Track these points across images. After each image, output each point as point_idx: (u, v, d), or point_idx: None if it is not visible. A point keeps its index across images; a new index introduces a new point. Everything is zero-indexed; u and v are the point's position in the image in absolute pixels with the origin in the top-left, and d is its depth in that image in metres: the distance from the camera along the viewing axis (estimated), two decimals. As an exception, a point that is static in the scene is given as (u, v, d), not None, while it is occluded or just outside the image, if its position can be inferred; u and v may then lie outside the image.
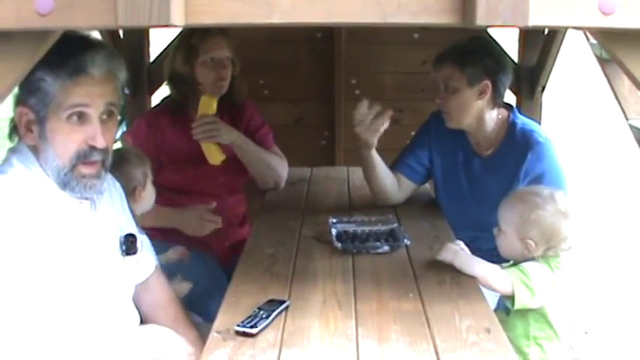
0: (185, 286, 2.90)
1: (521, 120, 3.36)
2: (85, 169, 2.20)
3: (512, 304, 2.51)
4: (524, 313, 2.55)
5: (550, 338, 2.60)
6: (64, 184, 2.20)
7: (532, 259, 2.61)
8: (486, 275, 2.54)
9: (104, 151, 2.23)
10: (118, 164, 2.54)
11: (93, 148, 2.20)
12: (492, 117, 3.32)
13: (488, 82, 3.22)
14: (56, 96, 2.14)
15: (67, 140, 2.17)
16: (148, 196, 2.88)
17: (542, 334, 2.59)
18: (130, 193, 2.75)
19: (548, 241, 2.59)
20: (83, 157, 2.19)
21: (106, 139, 2.21)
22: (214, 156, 3.46)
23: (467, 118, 3.29)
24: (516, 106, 3.62)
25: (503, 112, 3.36)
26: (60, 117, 2.15)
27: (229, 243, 3.72)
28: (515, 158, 3.22)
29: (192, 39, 3.49)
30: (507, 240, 2.66)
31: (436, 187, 3.59)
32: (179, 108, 3.60)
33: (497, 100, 3.29)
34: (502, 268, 2.63)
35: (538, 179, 3.13)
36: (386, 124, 3.24)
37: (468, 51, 3.23)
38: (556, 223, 2.59)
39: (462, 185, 3.42)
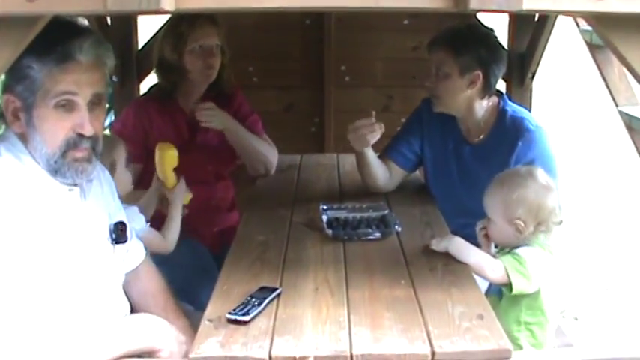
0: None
1: (512, 107, 3.35)
2: (76, 153, 2.19)
3: (510, 290, 2.50)
4: (518, 298, 2.54)
5: (541, 323, 2.60)
6: (55, 171, 2.18)
7: (526, 243, 2.60)
8: (481, 264, 2.54)
9: (92, 138, 2.21)
10: None
11: (81, 136, 2.18)
12: (482, 105, 3.32)
13: (479, 73, 3.22)
14: (43, 83, 2.11)
15: (54, 128, 2.15)
16: (121, 180, 2.81)
17: (534, 320, 2.59)
18: None
19: (536, 217, 2.58)
20: (73, 146, 2.17)
21: (94, 127, 2.19)
22: (169, 179, 3.07)
23: (455, 105, 3.30)
24: (506, 93, 3.62)
25: (494, 98, 3.35)
26: (47, 104, 2.13)
27: (218, 229, 3.71)
28: (505, 146, 3.22)
29: (180, 26, 3.47)
30: (497, 227, 2.65)
31: (427, 174, 3.59)
32: (167, 95, 3.59)
33: (487, 90, 3.29)
34: (495, 253, 2.63)
35: (527, 165, 3.11)
36: (376, 138, 3.26)
37: (465, 39, 3.23)
38: (540, 197, 2.59)
39: (452, 172, 3.42)
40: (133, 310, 2.47)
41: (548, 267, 2.57)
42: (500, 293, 2.60)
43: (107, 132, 3.60)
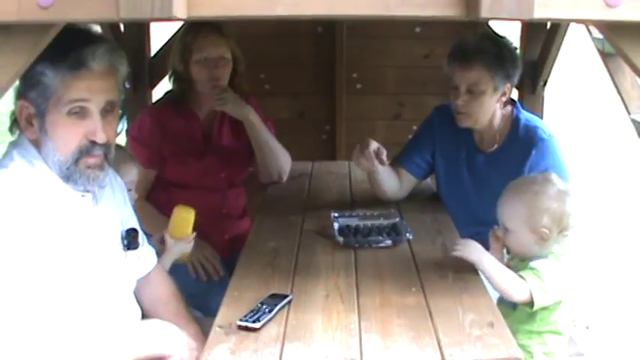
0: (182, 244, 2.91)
1: (525, 115, 3.35)
2: (89, 159, 2.20)
3: (531, 307, 2.49)
4: (535, 310, 2.53)
5: (555, 332, 2.59)
6: (67, 178, 2.19)
7: (545, 253, 2.58)
8: (508, 288, 2.49)
9: (105, 145, 2.22)
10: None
11: (94, 143, 2.19)
12: (500, 115, 3.32)
13: (509, 86, 3.23)
14: (56, 90, 2.13)
15: (67, 135, 2.17)
16: None
17: (547, 329, 2.58)
18: None
19: (559, 224, 2.57)
20: (85, 153, 2.18)
21: (106, 134, 2.20)
22: (180, 227, 2.95)
23: (484, 119, 3.28)
24: (518, 100, 3.60)
25: (508, 107, 3.35)
26: (60, 111, 2.14)
27: (229, 236, 3.71)
28: (518, 154, 3.21)
29: (187, 37, 3.48)
30: (518, 237, 2.61)
31: (438, 183, 3.59)
32: (181, 102, 3.59)
33: (508, 101, 3.31)
34: (508, 261, 2.64)
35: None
36: (377, 166, 3.24)
37: (499, 57, 3.18)
38: (562, 204, 2.58)
39: (465, 181, 3.41)
40: (144, 317, 2.47)
41: (563, 279, 2.56)
42: (513, 303, 2.58)
43: (123, 144, 3.62)
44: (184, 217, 2.95)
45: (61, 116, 2.15)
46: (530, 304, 2.48)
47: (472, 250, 2.56)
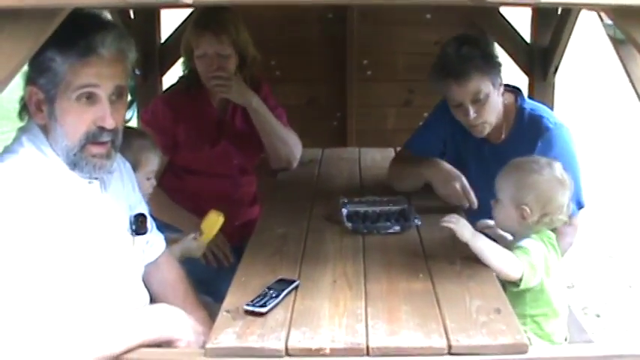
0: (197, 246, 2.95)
1: (530, 104, 3.32)
2: (94, 149, 2.20)
3: (517, 285, 2.49)
4: (522, 292, 2.53)
5: (547, 315, 2.60)
6: (74, 164, 2.20)
7: (527, 233, 2.60)
8: (502, 264, 2.50)
9: (113, 131, 2.22)
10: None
11: (102, 129, 2.19)
12: (502, 105, 3.27)
13: (500, 74, 3.19)
14: (66, 76, 2.13)
15: (76, 120, 2.17)
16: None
17: (539, 311, 2.58)
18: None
19: (543, 207, 2.59)
20: (92, 138, 2.19)
21: (115, 120, 2.21)
22: (210, 227, 3.01)
23: (496, 117, 3.23)
24: (528, 88, 3.59)
25: (510, 96, 3.32)
26: (69, 97, 2.15)
27: (239, 222, 3.71)
28: (525, 145, 3.16)
29: (189, 32, 3.49)
30: (503, 209, 2.66)
31: None
32: (195, 87, 3.58)
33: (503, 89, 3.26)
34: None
35: None
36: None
37: (486, 55, 3.15)
38: (552, 189, 2.60)
39: (471, 171, 3.38)
40: (152, 301, 2.48)
41: (547, 261, 2.57)
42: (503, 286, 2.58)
43: (139, 127, 3.62)
44: (215, 220, 2.99)
45: (70, 102, 2.15)
46: (517, 282, 2.49)
47: (465, 229, 2.57)
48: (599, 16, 4.03)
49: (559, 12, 4.31)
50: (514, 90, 3.35)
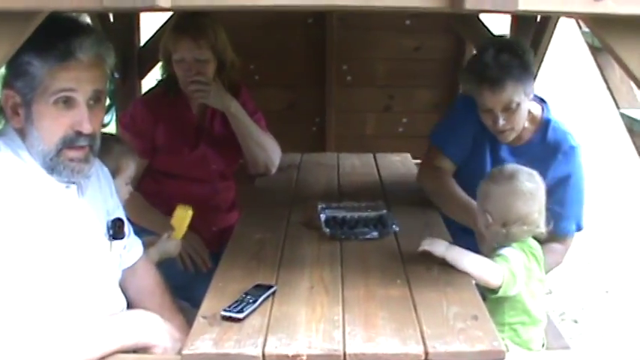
0: (173, 244, 2.95)
1: (555, 119, 3.29)
2: (71, 153, 2.19)
3: (494, 292, 2.50)
4: (500, 300, 2.54)
5: (525, 323, 2.60)
6: (51, 169, 2.19)
7: (507, 243, 2.61)
8: (481, 271, 2.51)
9: (90, 136, 2.21)
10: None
11: (79, 134, 2.18)
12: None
13: (533, 82, 3.17)
14: (43, 80, 2.12)
15: (53, 125, 2.16)
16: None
17: (517, 319, 2.59)
18: None
19: (501, 217, 2.61)
20: (69, 143, 2.17)
21: (92, 125, 2.19)
22: (180, 222, 3.04)
23: (524, 123, 3.20)
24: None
25: (536, 106, 3.28)
26: (47, 101, 2.13)
27: (217, 228, 3.70)
28: (545, 155, 3.18)
29: (167, 37, 3.48)
30: (479, 215, 2.72)
31: (458, 168, 3.48)
32: (173, 91, 3.56)
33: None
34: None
35: (564, 180, 3.15)
36: None
37: (523, 66, 3.10)
38: (507, 200, 2.61)
39: (486, 169, 3.27)
40: (129, 307, 2.47)
41: (528, 270, 2.58)
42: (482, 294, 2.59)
43: (114, 132, 3.60)
44: (183, 215, 3.00)
45: (48, 106, 2.14)
46: (495, 290, 2.50)
47: (437, 245, 2.59)
48: (578, 23, 4.07)
49: (538, 19, 4.34)
50: (540, 100, 3.32)
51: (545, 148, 3.21)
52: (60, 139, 2.16)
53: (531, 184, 2.65)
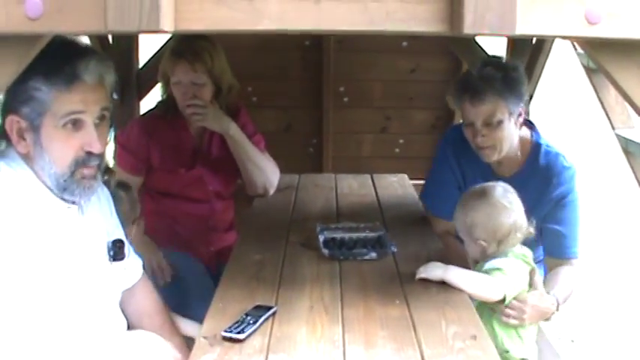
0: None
1: (545, 142, 3.24)
2: (85, 171, 2.21)
3: (503, 301, 2.57)
4: (489, 316, 2.60)
5: (511, 336, 2.66)
6: (64, 189, 2.20)
7: (499, 255, 2.66)
8: (480, 290, 2.56)
9: (100, 156, 2.24)
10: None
11: (90, 154, 2.20)
12: (517, 138, 3.18)
13: (522, 105, 3.11)
14: (51, 104, 2.13)
15: (63, 147, 2.17)
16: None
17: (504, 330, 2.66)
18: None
19: (494, 236, 2.65)
20: (82, 164, 2.19)
21: (101, 144, 2.22)
22: None
23: (509, 147, 3.12)
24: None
25: (525, 130, 3.23)
26: (56, 125, 2.15)
27: (215, 248, 3.71)
28: (539, 181, 3.14)
29: (165, 59, 3.51)
30: (467, 246, 2.76)
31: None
32: (172, 112, 3.58)
33: (524, 121, 3.19)
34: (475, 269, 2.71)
35: (560, 201, 3.13)
36: None
37: (507, 81, 3.05)
38: (493, 218, 2.65)
39: None
40: (128, 328, 2.47)
41: (523, 274, 2.66)
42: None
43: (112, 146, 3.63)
44: None
45: (57, 129, 2.15)
46: (503, 299, 2.56)
47: (433, 269, 2.62)
48: (574, 45, 4.11)
49: (533, 41, 4.38)
50: (529, 125, 3.27)
51: (539, 175, 3.17)
52: (72, 160, 2.18)
53: (502, 192, 2.70)
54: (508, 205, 2.67)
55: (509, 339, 2.65)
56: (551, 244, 3.14)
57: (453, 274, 2.59)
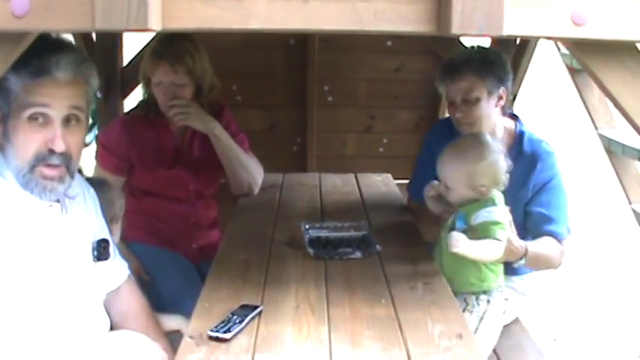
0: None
1: (528, 131, 3.36)
2: (46, 171, 2.17)
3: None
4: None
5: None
6: (24, 185, 2.17)
7: (485, 200, 2.80)
8: (489, 254, 2.73)
9: (64, 155, 2.18)
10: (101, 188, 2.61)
11: (52, 152, 2.16)
12: (501, 125, 3.32)
13: (503, 89, 3.24)
14: (18, 95, 2.12)
15: (26, 141, 2.15)
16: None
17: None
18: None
19: (495, 180, 2.81)
20: (42, 160, 2.16)
21: (66, 143, 2.17)
22: None
23: (487, 128, 3.23)
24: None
25: (509, 121, 3.36)
26: (21, 117, 2.13)
27: (197, 245, 3.71)
28: (524, 168, 3.21)
29: (146, 60, 3.50)
30: (458, 193, 2.84)
31: None
32: (154, 112, 3.57)
33: (505, 108, 3.32)
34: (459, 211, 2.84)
35: (545, 184, 3.23)
36: None
37: (486, 62, 3.23)
38: (498, 164, 2.82)
39: None
40: (112, 329, 2.45)
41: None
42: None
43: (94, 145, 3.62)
44: None
45: (22, 121, 2.13)
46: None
47: (466, 247, 2.67)
48: (557, 45, 4.13)
49: (517, 41, 4.39)
50: (513, 116, 3.41)
51: (523, 161, 3.23)
52: (33, 155, 2.15)
53: (489, 138, 2.92)
54: (497, 149, 2.84)
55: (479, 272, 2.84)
56: (536, 227, 3.20)
57: (471, 248, 2.67)
